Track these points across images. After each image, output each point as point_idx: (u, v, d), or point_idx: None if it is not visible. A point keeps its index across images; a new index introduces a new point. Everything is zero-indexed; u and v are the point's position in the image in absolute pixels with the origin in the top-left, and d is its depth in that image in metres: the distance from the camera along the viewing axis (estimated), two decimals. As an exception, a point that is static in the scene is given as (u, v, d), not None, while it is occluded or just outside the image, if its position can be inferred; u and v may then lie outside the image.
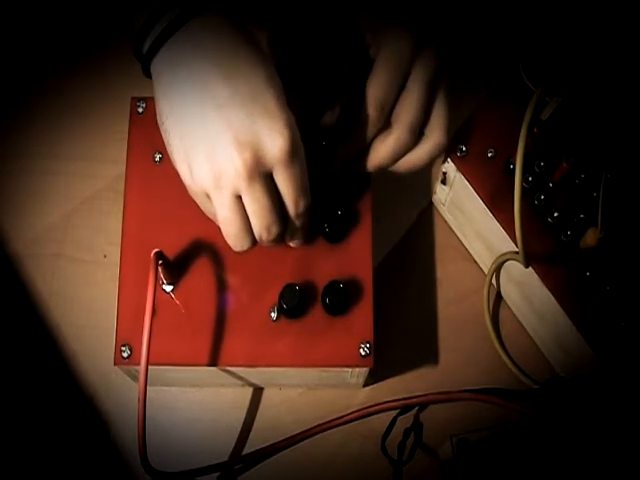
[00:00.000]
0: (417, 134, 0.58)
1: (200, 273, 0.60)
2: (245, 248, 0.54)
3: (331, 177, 0.60)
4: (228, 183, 0.50)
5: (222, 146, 0.49)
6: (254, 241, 0.54)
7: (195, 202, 0.55)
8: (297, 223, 0.55)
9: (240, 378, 0.65)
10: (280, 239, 0.55)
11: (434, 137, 0.58)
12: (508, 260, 0.64)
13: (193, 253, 0.60)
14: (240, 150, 0.49)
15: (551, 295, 0.61)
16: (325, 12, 0.58)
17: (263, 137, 0.50)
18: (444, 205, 0.72)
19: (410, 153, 0.59)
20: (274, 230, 0.53)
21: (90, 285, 0.70)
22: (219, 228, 0.53)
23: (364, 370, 0.61)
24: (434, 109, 0.58)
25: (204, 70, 0.49)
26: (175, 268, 0.59)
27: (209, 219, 0.55)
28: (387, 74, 0.56)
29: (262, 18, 0.55)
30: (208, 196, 0.52)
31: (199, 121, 0.50)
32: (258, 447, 0.65)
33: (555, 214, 0.61)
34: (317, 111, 0.58)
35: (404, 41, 0.56)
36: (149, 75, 0.52)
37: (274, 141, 0.50)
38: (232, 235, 0.53)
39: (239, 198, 0.51)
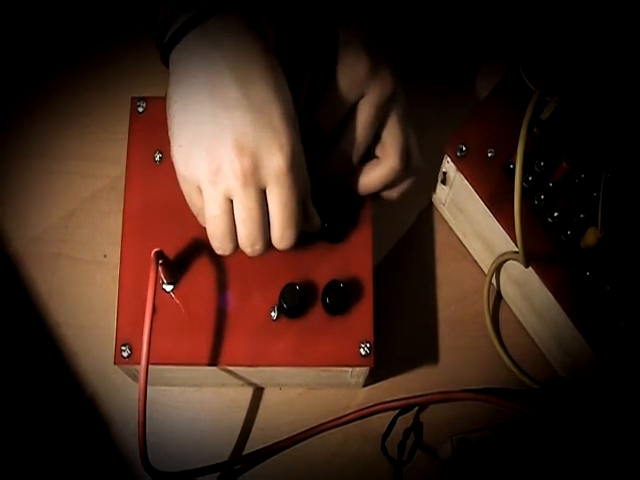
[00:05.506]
0: (359, 154, 0.58)
1: (200, 273, 0.60)
2: (227, 253, 0.54)
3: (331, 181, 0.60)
4: (224, 180, 0.50)
5: (224, 144, 0.50)
6: (237, 247, 0.54)
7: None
8: (278, 248, 0.54)
9: (240, 378, 0.65)
10: (264, 253, 0.54)
11: (388, 161, 0.58)
12: (508, 260, 0.64)
13: (193, 253, 0.60)
14: (240, 154, 0.50)
15: (551, 295, 0.61)
16: (316, 15, 0.59)
17: (263, 148, 0.50)
18: (444, 205, 0.72)
19: (364, 175, 0.59)
20: (258, 248, 0.53)
21: (90, 285, 0.70)
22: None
23: (364, 370, 0.61)
24: (387, 133, 0.58)
25: (218, 67, 0.50)
26: (175, 268, 0.59)
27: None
28: (337, 98, 0.56)
29: (272, 17, 0.56)
30: (199, 189, 0.52)
31: (206, 114, 0.50)
32: (258, 447, 0.65)
33: (555, 214, 0.61)
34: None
35: (360, 65, 0.56)
36: (167, 64, 0.53)
37: (272, 156, 0.50)
38: (216, 237, 0.53)
39: (230, 201, 0.51)
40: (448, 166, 0.66)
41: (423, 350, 0.70)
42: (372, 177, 0.59)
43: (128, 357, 0.58)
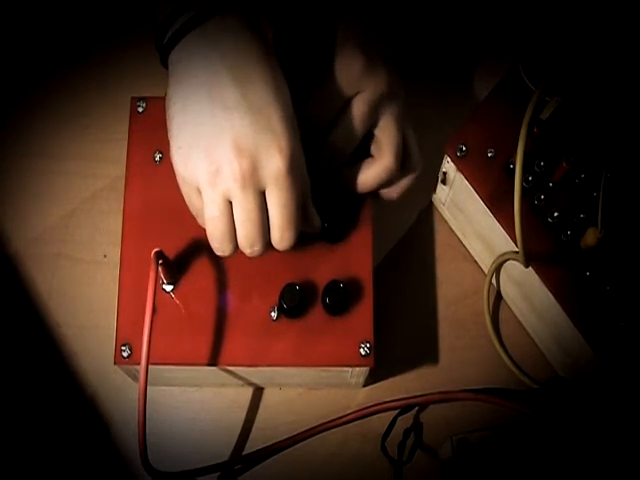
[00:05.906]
0: (350, 149, 0.58)
1: (200, 273, 0.60)
2: (226, 254, 0.54)
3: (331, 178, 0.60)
4: (223, 182, 0.50)
5: (223, 145, 0.50)
6: (237, 248, 0.54)
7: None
8: (278, 248, 0.54)
9: (240, 378, 0.65)
10: (263, 254, 0.55)
11: (382, 160, 0.58)
12: (508, 260, 0.64)
13: (193, 253, 0.60)
14: (239, 155, 0.50)
15: (551, 295, 0.61)
16: (315, 15, 0.59)
17: (262, 150, 0.50)
18: (444, 205, 0.72)
19: (359, 174, 0.59)
20: (257, 249, 0.53)
21: (90, 285, 0.70)
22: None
23: (364, 370, 0.61)
24: (382, 132, 0.58)
25: (216, 67, 0.50)
26: (175, 268, 0.59)
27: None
28: (331, 94, 0.57)
29: (271, 17, 0.56)
30: (198, 190, 0.52)
31: (205, 115, 0.50)
32: (258, 447, 0.65)
33: (555, 214, 0.61)
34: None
35: (355, 63, 0.56)
36: (166, 65, 0.53)
37: (271, 157, 0.50)
38: (215, 238, 0.53)
39: (229, 203, 0.51)
40: (448, 166, 0.66)
41: (423, 350, 0.70)
42: (367, 176, 0.59)
43: (128, 357, 0.58)
